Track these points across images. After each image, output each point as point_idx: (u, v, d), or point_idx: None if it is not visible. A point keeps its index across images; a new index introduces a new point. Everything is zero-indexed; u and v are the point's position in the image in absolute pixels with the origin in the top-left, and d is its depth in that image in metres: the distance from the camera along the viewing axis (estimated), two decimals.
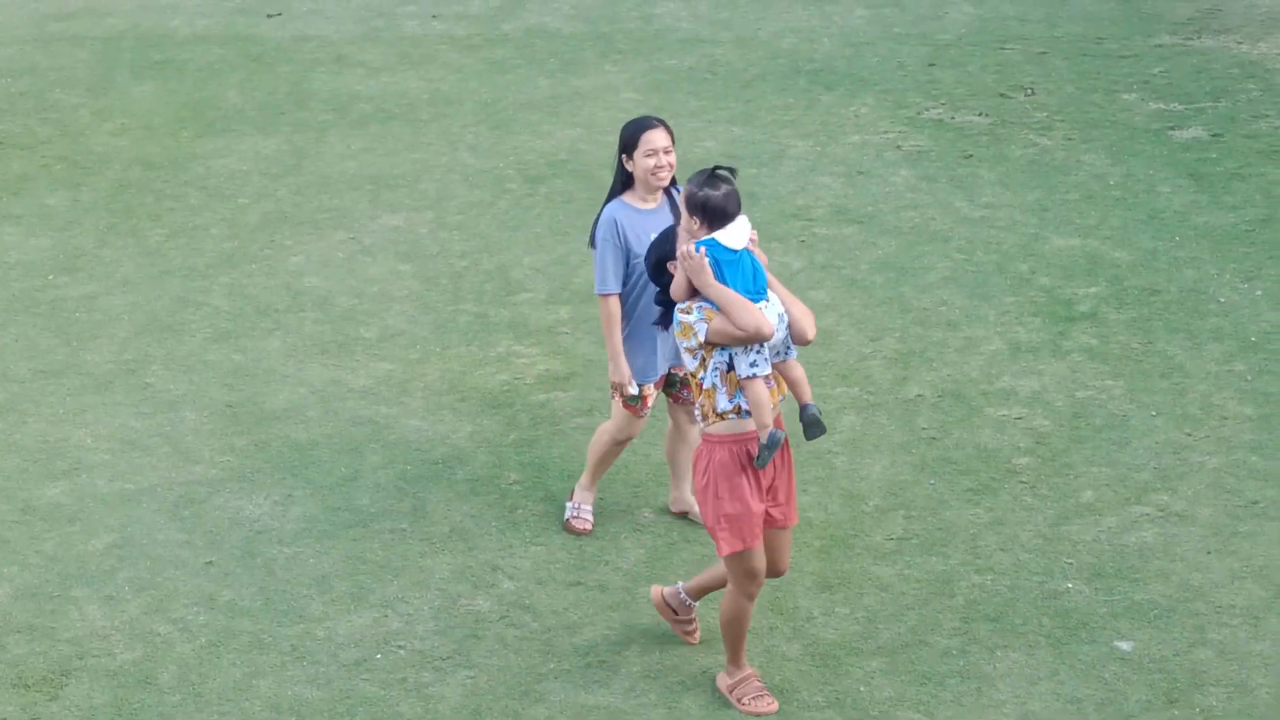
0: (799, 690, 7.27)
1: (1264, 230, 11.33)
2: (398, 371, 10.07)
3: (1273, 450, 8.81)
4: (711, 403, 6.84)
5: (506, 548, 8.33)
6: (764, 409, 6.77)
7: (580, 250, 11.59)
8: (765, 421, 6.78)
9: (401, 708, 7.26)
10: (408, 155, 13.52)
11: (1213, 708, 7.03)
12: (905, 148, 13.17)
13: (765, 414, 6.78)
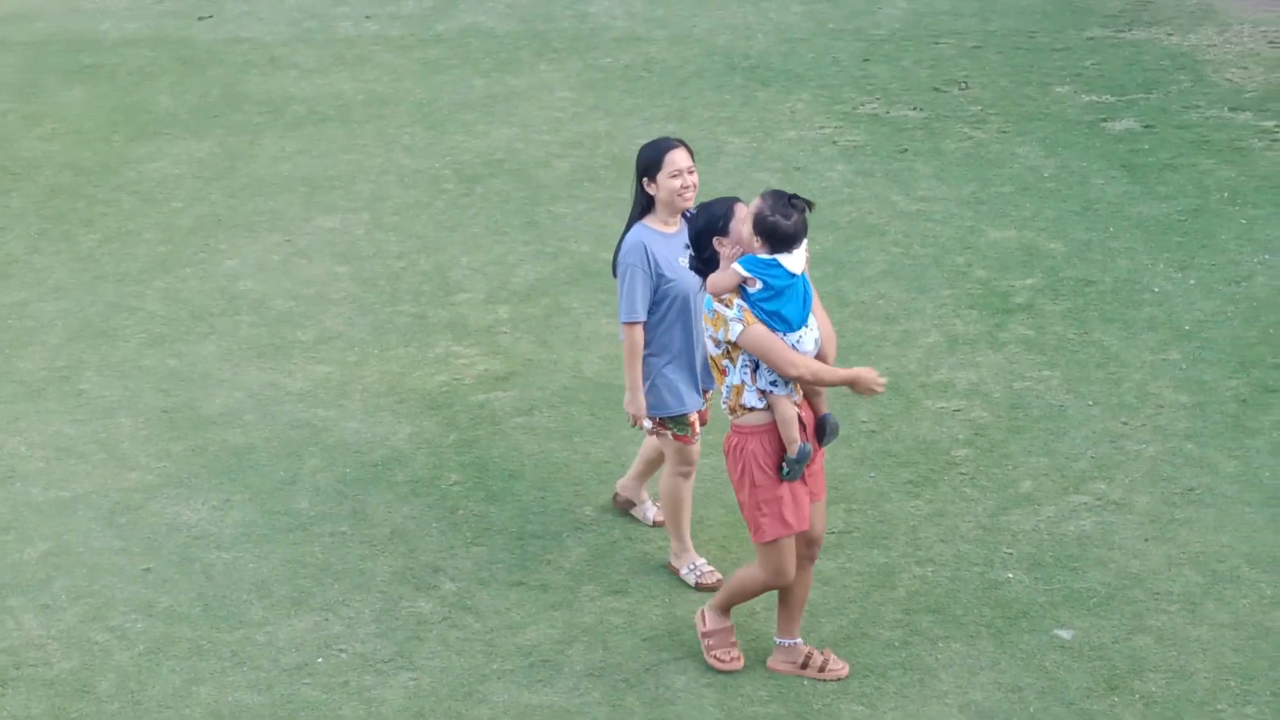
0: (742, 685, 7.27)
1: (1196, 220, 11.42)
2: (336, 374, 10.01)
3: (1207, 438, 8.87)
4: (739, 399, 6.87)
5: (448, 549, 8.29)
6: (790, 425, 6.80)
7: (518, 249, 11.57)
8: (792, 436, 6.81)
9: (344, 711, 7.21)
10: (342, 156, 13.46)
11: (1152, 693, 7.08)
12: (841, 143, 13.21)
13: (792, 429, 6.81)
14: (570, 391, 9.67)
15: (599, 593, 7.91)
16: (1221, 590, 7.69)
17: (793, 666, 7.27)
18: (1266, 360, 9.57)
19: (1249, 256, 10.82)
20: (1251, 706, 6.97)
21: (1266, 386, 9.31)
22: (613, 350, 10.12)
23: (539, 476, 8.85)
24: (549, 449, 9.10)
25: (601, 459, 8.98)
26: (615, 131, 13.65)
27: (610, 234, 11.73)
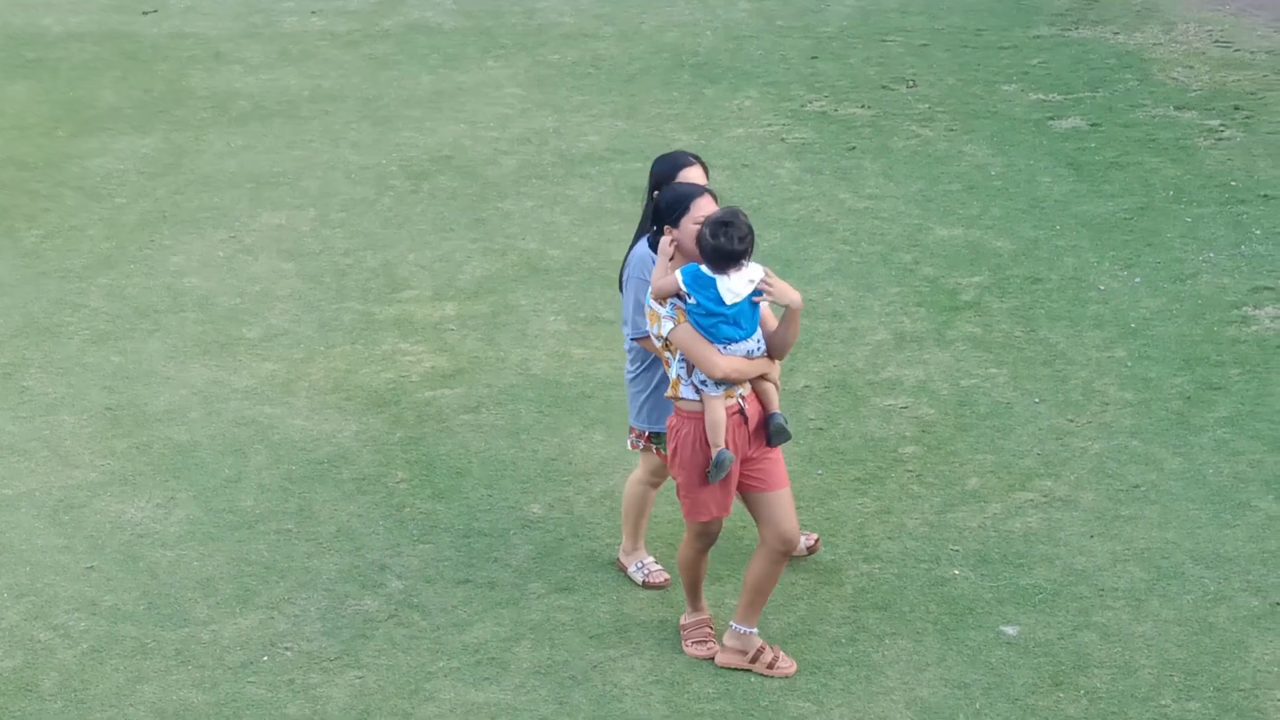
0: (690, 682, 7.26)
1: (1142, 218, 11.48)
2: (281, 371, 9.96)
3: (1152, 435, 8.92)
4: (676, 390, 6.99)
5: (394, 546, 8.26)
6: (716, 429, 6.88)
7: (465, 246, 11.53)
8: (717, 441, 6.89)
9: (289, 710, 7.17)
10: (289, 152, 13.39)
11: (1097, 689, 7.11)
12: (789, 140, 13.22)
13: (717, 433, 6.89)
14: (517, 389, 9.65)
15: (546, 590, 7.90)
16: (1166, 586, 7.73)
17: (742, 658, 7.28)
18: (1211, 358, 9.63)
19: (1194, 254, 10.89)
20: (1195, 702, 7.01)
21: (1210, 384, 9.37)
22: (559, 348, 10.11)
23: (486, 474, 8.83)
24: (496, 446, 9.08)
25: (549, 456, 8.96)
26: (563, 128, 13.63)
27: (557, 231, 11.72)
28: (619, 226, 11.72)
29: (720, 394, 6.89)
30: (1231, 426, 8.95)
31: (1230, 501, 8.31)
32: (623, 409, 9.43)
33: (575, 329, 10.33)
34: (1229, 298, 10.29)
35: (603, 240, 11.53)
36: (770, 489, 7.13)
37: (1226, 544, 8.00)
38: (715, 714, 7.07)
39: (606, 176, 12.59)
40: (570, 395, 9.56)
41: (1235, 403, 9.17)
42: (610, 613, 7.73)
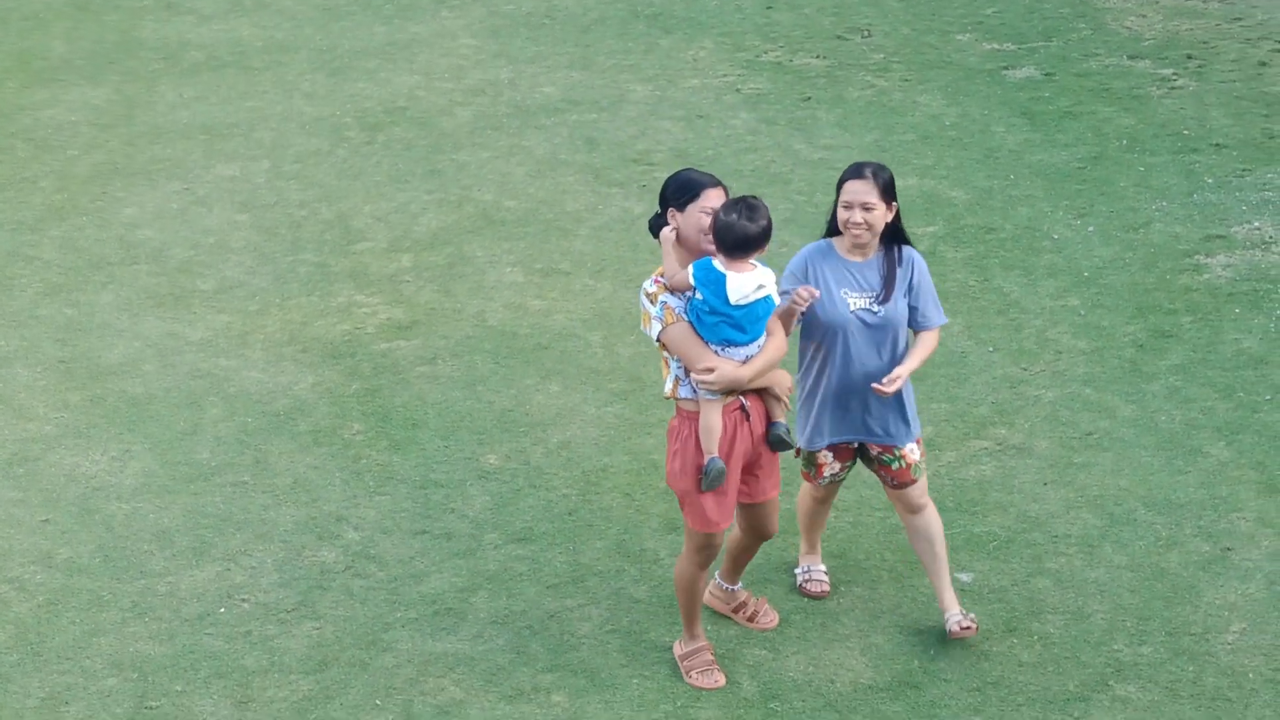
0: (648, 632, 7.30)
1: (1095, 168, 11.52)
2: (236, 323, 9.93)
3: (1105, 383, 8.98)
4: (675, 390, 6.59)
5: (351, 498, 8.26)
6: (709, 434, 6.52)
7: (421, 198, 11.49)
8: (710, 449, 6.54)
9: (246, 661, 7.18)
10: (242, 104, 13.31)
11: (1050, 634, 7.17)
12: (744, 91, 13.21)
13: (710, 440, 6.53)
14: (473, 340, 9.64)
15: (503, 541, 7.91)
16: (1118, 532, 7.80)
17: (726, 607, 7.30)
18: (1163, 306, 9.69)
19: (1147, 203, 10.94)
20: (1147, 646, 7.08)
21: (1163, 332, 9.42)
22: (515, 299, 10.10)
23: (442, 425, 8.83)
24: (452, 398, 9.08)
25: (505, 407, 8.96)
26: (518, 79, 13.58)
27: (513, 182, 11.69)
28: (574, 178, 11.70)
29: (718, 399, 6.52)
30: (1183, 374, 9.01)
31: (1182, 448, 8.38)
32: (579, 359, 9.45)
33: (531, 280, 10.32)
34: (1181, 246, 10.35)
35: (558, 191, 11.51)
36: (769, 497, 6.86)
37: (1178, 490, 8.07)
38: (672, 662, 7.10)
39: (562, 128, 12.56)
40: (527, 346, 9.56)
41: (1187, 350, 9.23)
42: (567, 563, 7.75)
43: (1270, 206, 10.72)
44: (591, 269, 10.43)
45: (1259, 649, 7.04)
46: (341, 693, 7.01)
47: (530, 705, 6.92)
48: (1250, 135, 11.78)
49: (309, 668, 7.14)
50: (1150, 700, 6.81)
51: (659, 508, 8.10)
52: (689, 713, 6.85)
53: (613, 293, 10.12)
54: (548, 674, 7.08)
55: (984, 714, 6.77)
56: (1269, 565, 7.53)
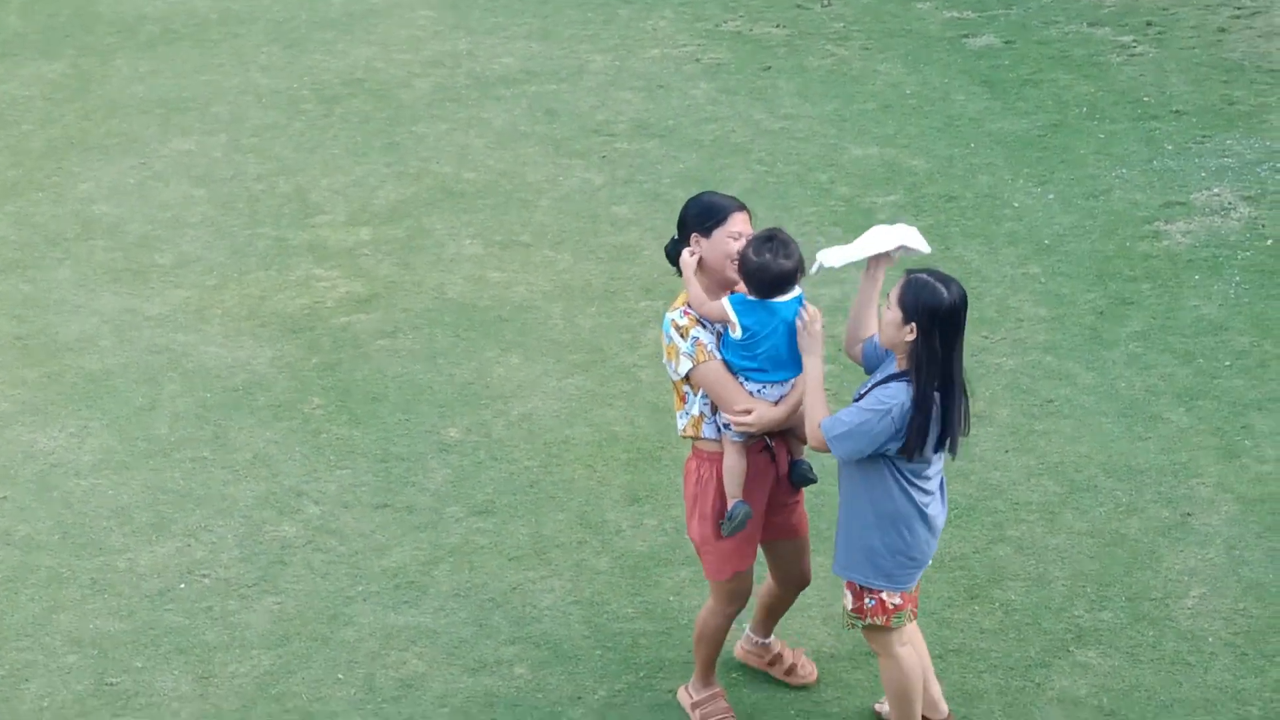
0: (609, 602, 7.29)
1: (1055, 135, 11.52)
2: (194, 298, 9.86)
3: (1066, 350, 8.99)
4: (697, 430, 6.21)
5: (311, 472, 8.22)
6: (733, 476, 6.17)
7: (379, 170, 11.43)
8: (734, 491, 6.19)
9: (207, 636, 7.15)
10: (198, 77, 13.21)
11: (1011, 601, 7.19)
12: (704, 61, 13.16)
13: (733, 483, 6.18)
14: (433, 313, 9.60)
15: (464, 513, 7.89)
16: (1079, 499, 7.81)
17: (760, 661, 6.89)
18: (1123, 273, 9.70)
19: (1107, 171, 10.94)
20: (1107, 611, 7.10)
21: (1123, 299, 9.44)
22: (475, 271, 10.06)
23: (402, 399, 8.79)
24: (412, 371, 9.04)
25: (465, 380, 8.93)
26: (476, 50, 13.51)
27: (472, 154, 11.63)
28: (534, 149, 11.65)
29: (742, 439, 6.16)
30: (1143, 341, 9.03)
31: (1142, 414, 8.40)
32: (540, 330, 9.42)
33: (491, 252, 10.28)
34: (1141, 213, 10.36)
35: (518, 163, 11.46)
36: (791, 536, 6.53)
37: (1138, 456, 8.09)
38: (634, 633, 7.10)
39: (521, 99, 12.50)
40: (487, 319, 9.53)
41: (1147, 317, 9.25)
42: (529, 535, 7.73)
43: (1229, 173, 10.75)
44: (552, 241, 10.40)
45: (1218, 613, 7.07)
46: (303, 667, 6.99)
47: (492, 678, 6.91)
48: (1210, 102, 11.79)
49: (270, 642, 7.11)
50: (1111, 665, 6.83)
51: (620, 479, 8.09)
52: (652, 683, 6.85)
53: (573, 264, 10.09)
54: (510, 646, 7.07)
55: (946, 681, 6.77)
56: (1228, 530, 7.56)
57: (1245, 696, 6.66)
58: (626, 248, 10.26)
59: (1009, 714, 6.63)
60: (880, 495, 5.96)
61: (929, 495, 6.00)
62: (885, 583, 6.05)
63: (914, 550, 6.02)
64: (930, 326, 5.80)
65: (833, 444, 5.87)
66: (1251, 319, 9.16)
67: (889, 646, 6.17)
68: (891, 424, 5.80)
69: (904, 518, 5.97)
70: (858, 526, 6.03)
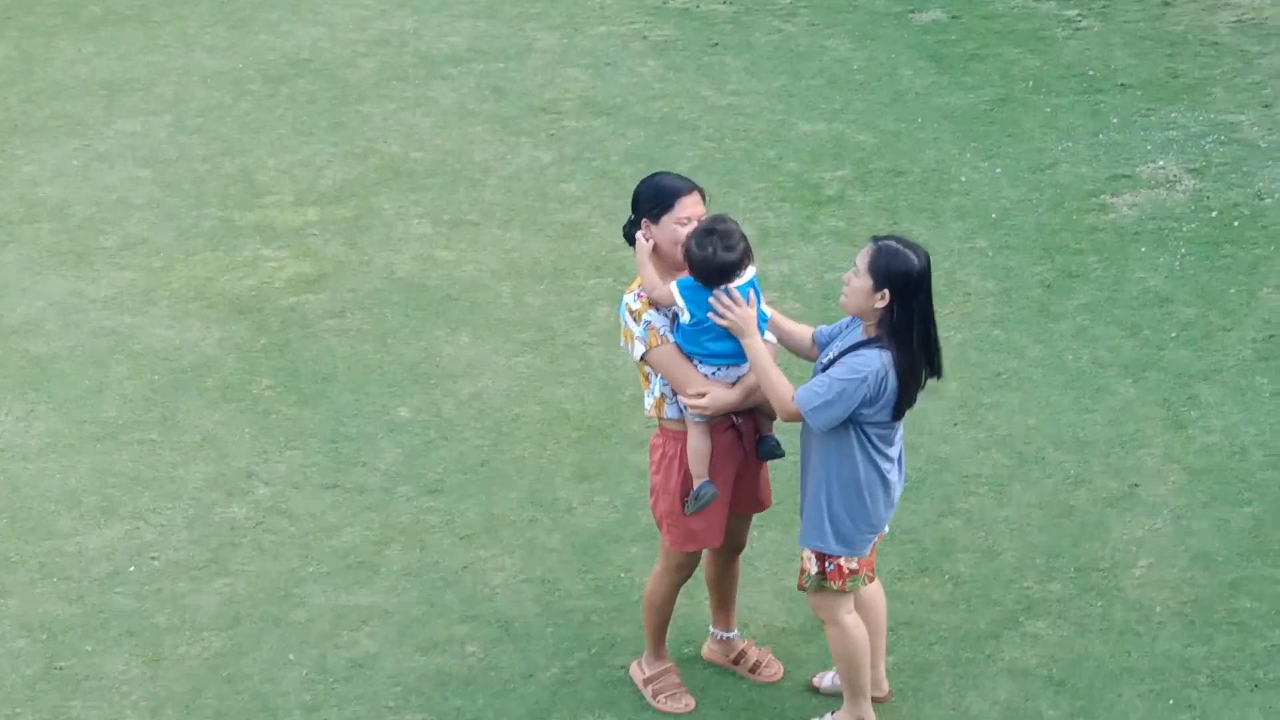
0: (561, 580, 7.29)
1: (1002, 109, 11.55)
2: (141, 280, 9.81)
3: (1013, 324, 9.04)
4: (660, 411, 6.25)
5: (260, 453, 8.20)
6: (698, 458, 6.19)
7: (326, 150, 11.38)
8: (699, 472, 6.21)
9: (158, 619, 7.13)
10: (142, 58, 13.10)
11: (961, 574, 7.23)
12: (651, 38, 13.14)
13: (699, 463, 6.20)
14: (382, 293, 9.57)
15: (415, 493, 7.88)
16: (1027, 471, 7.86)
17: (724, 659, 6.85)
18: (1070, 246, 9.75)
19: (1053, 144, 10.99)
20: (1056, 583, 7.15)
21: (1070, 272, 9.49)
22: (424, 251, 10.03)
23: (352, 379, 8.77)
24: (362, 351, 9.01)
25: (415, 360, 8.91)
26: (422, 29, 13.45)
27: (420, 133, 11.59)
28: (482, 128, 11.62)
29: (704, 420, 6.18)
30: (1090, 313, 9.08)
31: (1089, 386, 8.45)
32: (489, 309, 9.40)
33: (440, 231, 10.25)
34: (1087, 186, 10.41)
35: (466, 142, 11.43)
36: (759, 510, 6.60)
37: (1086, 428, 8.14)
38: (586, 610, 7.11)
39: (468, 77, 12.46)
40: (436, 298, 9.51)
41: (1094, 290, 9.30)
42: (480, 514, 7.73)
43: (1174, 145, 10.81)
44: (500, 219, 10.38)
45: (1166, 583, 7.13)
46: (254, 648, 6.97)
47: (445, 656, 6.90)
48: (1154, 75, 11.85)
49: (221, 624, 7.09)
50: (1060, 636, 6.88)
51: (571, 457, 8.09)
52: (604, 659, 6.86)
53: (522, 242, 10.07)
54: (462, 625, 7.07)
55: (897, 654, 6.81)
56: (1175, 500, 7.62)
57: (1193, 665, 6.71)
58: (575, 225, 10.26)
59: (959, 685, 6.67)
60: (846, 462, 6.03)
61: (891, 463, 6.09)
62: (844, 549, 6.11)
63: (874, 517, 6.11)
64: (904, 292, 5.86)
65: (810, 416, 5.93)
66: (1197, 290, 9.23)
67: (837, 614, 6.22)
68: (868, 390, 5.86)
69: (868, 484, 6.05)
70: (823, 494, 6.09)
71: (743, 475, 6.40)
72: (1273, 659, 6.71)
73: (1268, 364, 8.54)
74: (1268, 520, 7.46)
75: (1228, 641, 6.81)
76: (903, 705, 6.59)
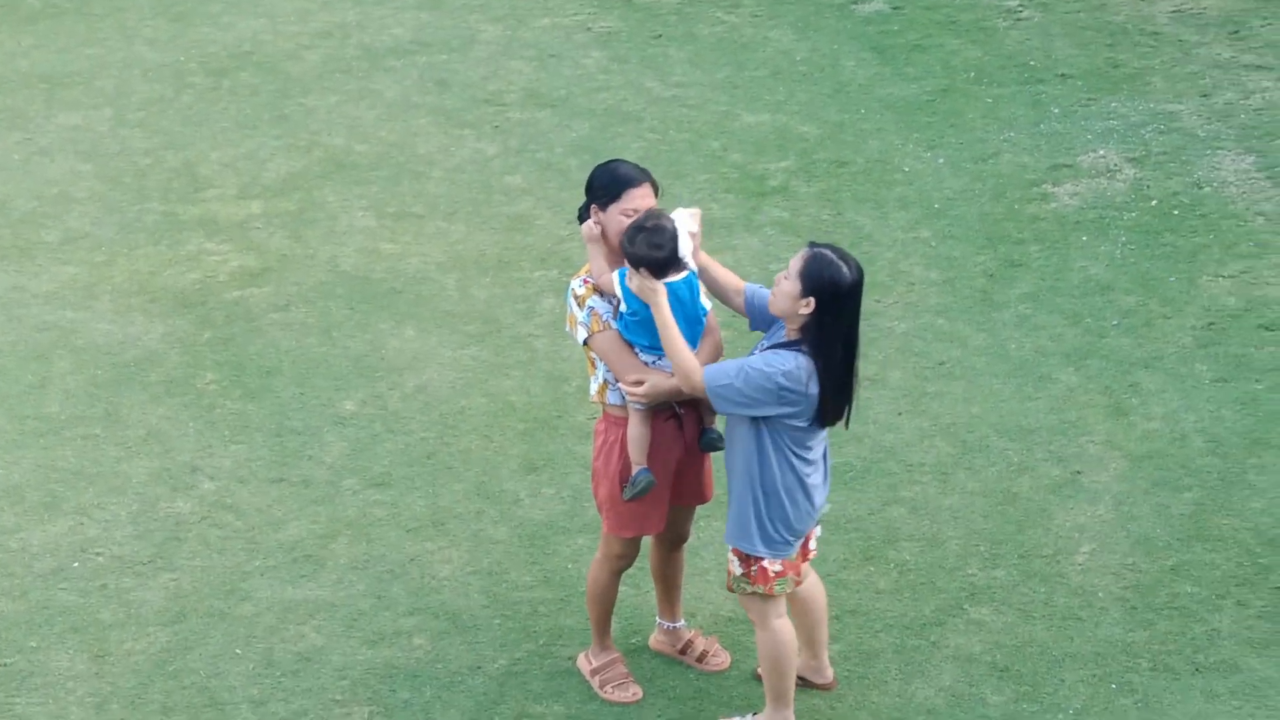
0: (508, 571, 7.30)
1: (944, 100, 11.61)
2: (83, 274, 9.75)
3: (956, 313, 9.09)
4: (603, 396, 6.28)
5: (205, 448, 8.17)
6: (637, 445, 6.19)
7: (269, 143, 11.33)
8: (638, 459, 6.20)
9: (103, 614, 7.10)
10: (82, 51, 13.02)
11: (906, 561, 7.27)
12: (595, 29, 13.14)
13: (637, 451, 6.20)
14: (327, 286, 9.55)
15: (361, 486, 7.87)
16: (971, 459, 7.91)
17: (672, 649, 6.86)
18: (1012, 236, 9.81)
19: (995, 134, 11.05)
20: (1000, 570, 7.20)
21: (1012, 261, 9.55)
22: (368, 244, 10.01)
23: (297, 372, 8.75)
24: (306, 344, 8.99)
25: (360, 353, 8.90)
26: (365, 21, 13.41)
27: (363, 125, 11.56)
28: (426, 120, 11.60)
29: (644, 407, 6.17)
30: (1032, 302, 9.14)
31: (1032, 375, 8.52)
32: (434, 302, 9.39)
33: (384, 224, 10.23)
34: (1029, 176, 10.48)
35: (409, 134, 11.40)
36: (701, 502, 6.59)
37: (1028, 416, 8.20)
38: (533, 602, 7.12)
39: (412, 70, 12.43)
40: (380, 291, 9.49)
41: (1036, 279, 9.37)
42: (427, 506, 7.73)
43: (1115, 135, 10.88)
44: (445, 211, 10.36)
45: (1108, 569, 7.19)
46: (200, 643, 6.96)
47: (392, 649, 6.90)
48: (1095, 65, 11.93)
49: (166, 619, 7.07)
50: (1004, 622, 6.93)
51: (517, 449, 8.10)
52: (551, 650, 6.87)
53: (467, 235, 10.06)
54: (409, 617, 7.07)
55: (842, 641, 6.85)
56: (1117, 487, 7.68)
57: (1135, 649, 6.78)
58: (520, 218, 10.25)
59: (905, 672, 6.72)
60: (764, 466, 6.03)
61: (811, 465, 6.07)
62: (767, 551, 6.12)
63: (795, 520, 6.10)
64: (830, 302, 5.85)
65: (712, 393, 5.94)
66: (1137, 279, 9.30)
67: (766, 618, 6.24)
68: (778, 389, 5.85)
69: (787, 488, 6.04)
70: (745, 496, 6.09)
71: (685, 466, 6.41)
72: (1213, 643, 6.78)
73: (1207, 351, 8.62)
74: (1208, 506, 7.54)
75: (1169, 626, 6.88)
76: (849, 693, 6.63)
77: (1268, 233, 9.64)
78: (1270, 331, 8.74)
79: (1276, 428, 8.01)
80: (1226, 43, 12.05)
